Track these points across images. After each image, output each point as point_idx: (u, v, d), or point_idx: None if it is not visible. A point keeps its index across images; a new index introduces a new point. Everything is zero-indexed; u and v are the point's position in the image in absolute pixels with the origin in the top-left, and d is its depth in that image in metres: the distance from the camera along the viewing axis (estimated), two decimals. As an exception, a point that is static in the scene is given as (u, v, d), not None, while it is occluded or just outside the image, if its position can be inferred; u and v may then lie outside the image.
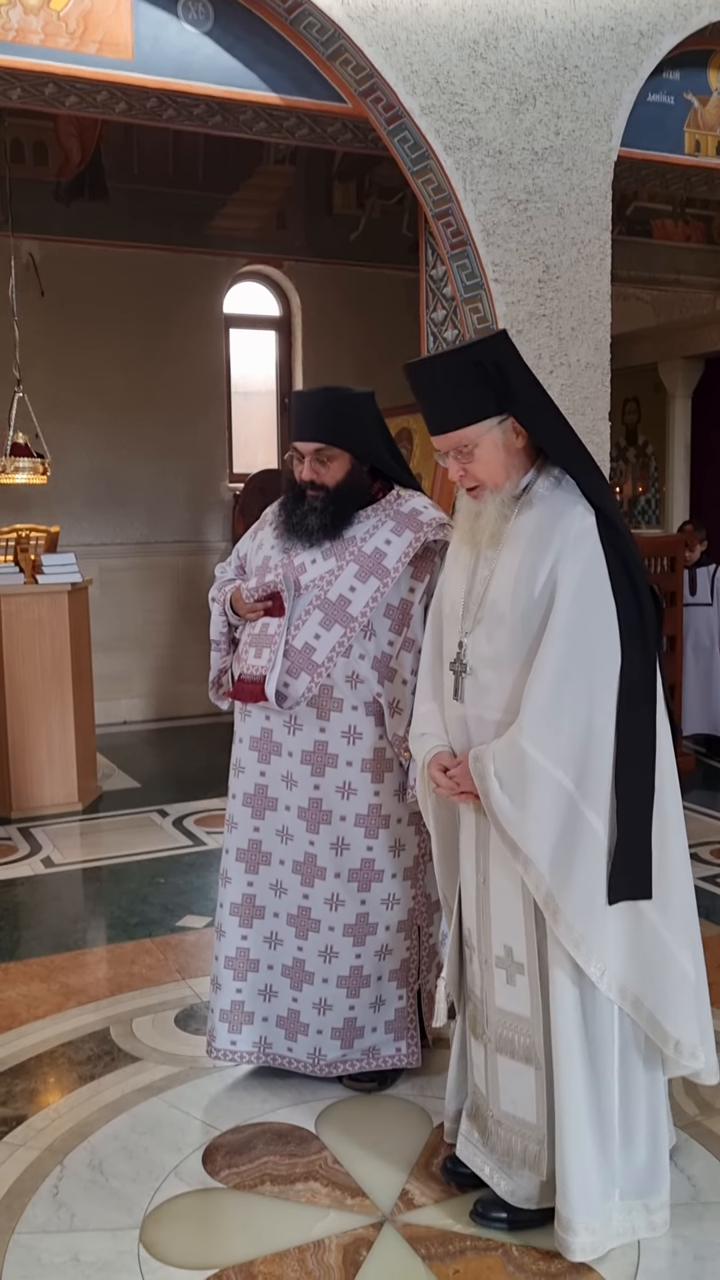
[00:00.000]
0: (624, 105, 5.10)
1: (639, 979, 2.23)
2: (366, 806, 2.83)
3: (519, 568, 2.22)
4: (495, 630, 2.25)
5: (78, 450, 7.91)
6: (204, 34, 4.55)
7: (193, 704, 8.27)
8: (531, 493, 2.28)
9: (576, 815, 2.14)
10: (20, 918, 4.33)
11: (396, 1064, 2.94)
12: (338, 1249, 2.33)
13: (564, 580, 2.16)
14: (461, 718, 2.33)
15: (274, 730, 2.85)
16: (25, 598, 5.68)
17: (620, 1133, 2.29)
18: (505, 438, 2.26)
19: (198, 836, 5.30)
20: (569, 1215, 2.23)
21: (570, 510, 2.21)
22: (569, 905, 2.15)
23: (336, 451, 2.78)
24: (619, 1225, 2.29)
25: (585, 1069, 2.23)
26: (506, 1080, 2.37)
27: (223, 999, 2.95)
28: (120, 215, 7.80)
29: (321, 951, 2.87)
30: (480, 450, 2.26)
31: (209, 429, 8.44)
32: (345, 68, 4.68)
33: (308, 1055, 2.91)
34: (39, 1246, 2.34)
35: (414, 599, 2.79)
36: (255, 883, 2.92)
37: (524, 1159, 2.35)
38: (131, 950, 3.95)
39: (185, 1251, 2.33)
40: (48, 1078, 3.07)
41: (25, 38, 4.24)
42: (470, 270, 4.92)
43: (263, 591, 2.81)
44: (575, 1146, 2.23)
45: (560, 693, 2.13)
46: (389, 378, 7.52)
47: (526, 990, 2.30)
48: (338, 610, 2.74)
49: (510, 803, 2.16)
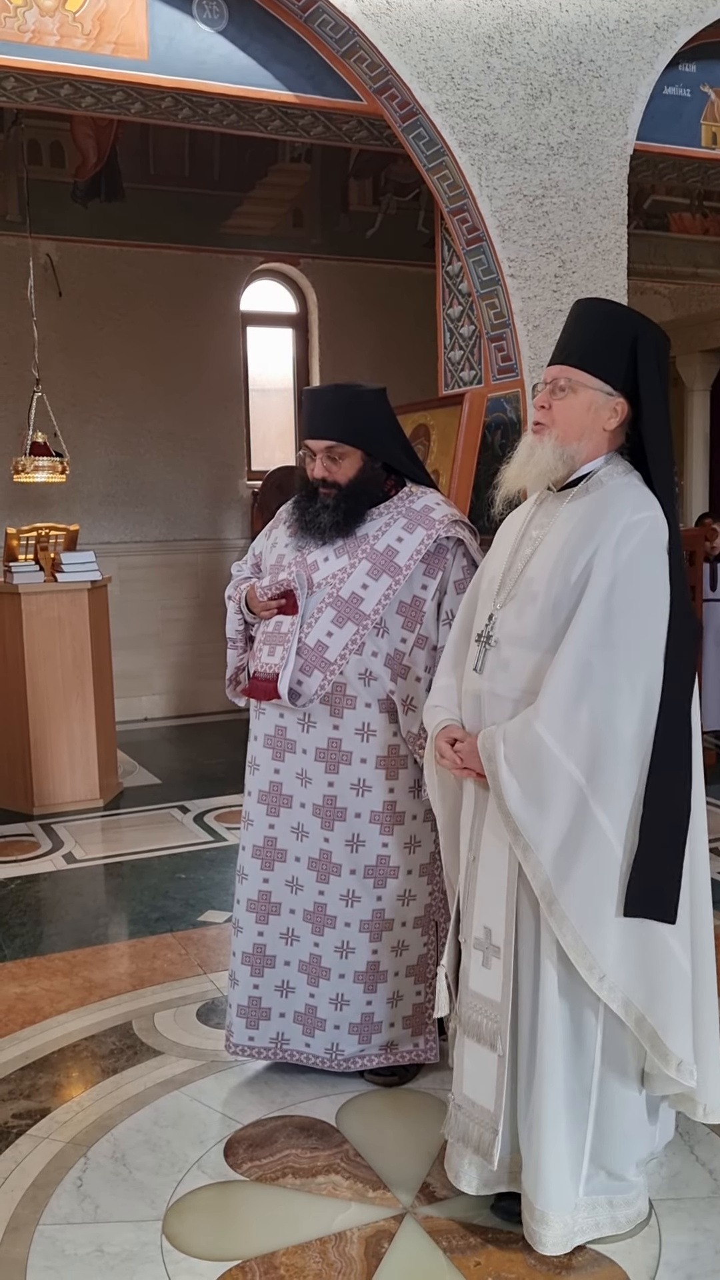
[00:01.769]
0: (640, 99, 5.08)
1: (646, 992, 2.18)
2: (381, 803, 2.84)
3: (560, 550, 2.20)
4: (526, 607, 2.23)
5: (96, 449, 7.95)
6: (219, 33, 4.56)
7: (212, 701, 8.30)
8: (592, 479, 2.26)
9: (585, 810, 2.11)
10: (43, 913, 4.37)
11: (415, 1059, 2.96)
12: (359, 1241, 2.34)
13: (599, 571, 2.13)
14: (477, 692, 2.31)
15: (288, 728, 2.86)
16: (46, 596, 5.71)
17: (593, 1128, 2.25)
18: (602, 409, 2.25)
19: (218, 832, 5.33)
20: (542, 1207, 2.21)
21: (622, 504, 2.18)
22: (568, 899, 2.12)
23: (348, 449, 2.79)
24: (584, 1221, 2.27)
25: (566, 1060, 2.20)
26: (470, 1064, 2.35)
27: (239, 994, 2.97)
28: (137, 215, 7.83)
29: (338, 947, 2.88)
30: (576, 398, 2.25)
31: (227, 426, 8.46)
32: (360, 65, 4.68)
33: (325, 1050, 2.93)
34: (63, 1238, 2.37)
35: (426, 596, 2.79)
36: (271, 879, 2.94)
37: (477, 1146, 2.32)
38: (153, 945, 3.98)
39: (208, 1243, 2.35)
40: (71, 1071, 3.09)
41: (41, 39, 4.27)
42: (486, 266, 4.91)
43: (276, 590, 2.81)
44: (550, 1138, 2.20)
45: (582, 685, 2.10)
46: (406, 374, 7.52)
47: (500, 975, 2.27)
48: (350, 608, 2.75)
49: (518, 786, 2.13)
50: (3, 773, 5.90)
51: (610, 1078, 2.25)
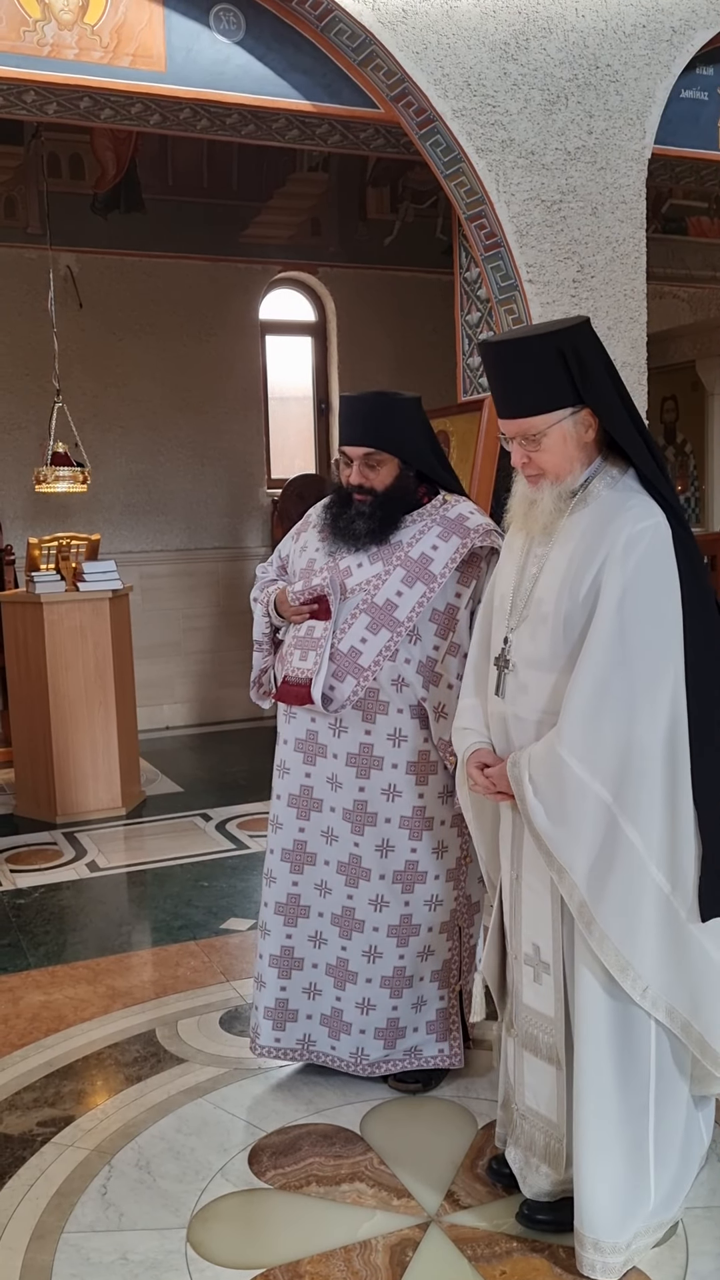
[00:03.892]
0: (657, 102, 5.08)
1: (688, 998, 2.17)
2: (411, 809, 2.83)
3: (566, 568, 2.17)
4: (539, 629, 2.21)
5: (117, 458, 7.98)
6: (236, 44, 4.58)
7: (234, 709, 8.31)
8: (589, 490, 2.20)
9: (614, 828, 2.09)
10: (66, 921, 4.38)
11: (439, 1064, 2.95)
12: (384, 1249, 2.33)
13: (608, 586, 2.10)
14: (501, 715, 2.31)
15: (319, 732, 2.86)
16: (67, 605, 5.74)
17: (655, 1155, 2.23)
18: (576, 430, 2.18)
19: (240, 840, 5.33)
20: (581, 1230, 2.20)
21: (624, 513, 2.13)
22: (604, 917, 2.11)
23: (385, 456, 2.78)
24: (640, 1244, 2.25)
25: (616, 1082, 2.18)
26: (531, 1077, 2.35)
27: (266, 996, 2.97)
28: (156, 226, 7.87)
29: (365, 951, 2.88)
30: (548, 440, 2.18)
31: (246, 435, 8.48)
32: (376, 73, 4.69)
33: (350, 1055, 2.92)
34: (88, 1245, 2.37)
35: (460, 604, 2.79)
36: (300, 882, 2.94)
37: (545, 1154, 2.33)
38: (176, 953, 3.98)
39: (232, 1251, 2.35)
40: (95, 1079, 3.10)
41: (60, 52, 4.30)
42: (505, 272, 4.91)
43: (309, 594, 2.81)
44: (594, 1161, 2.18)
45: (600, 702, 2.07)
46: (425, 381, 7.52)
47: (551, 990, 2.27)
48: (385, 614, 2.74)
49: (545, 811, 2.12)
50: (26, 782, 5.93)
51: (667, 1093, 2.24)
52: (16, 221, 7.55)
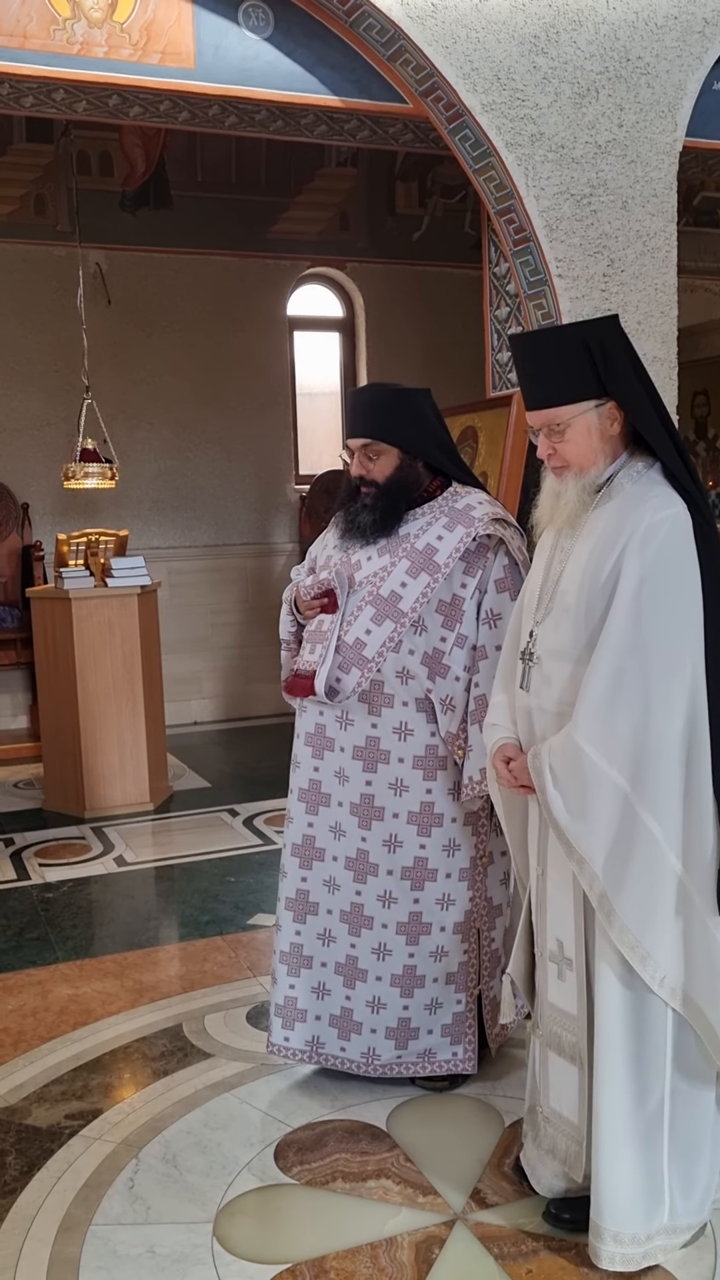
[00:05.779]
0: (689, 95, 5.03)
1: (707, 990, 2.16)
2: (418, 804, 2.82)
3: (589, 559, 2.18)
4: (562, 620, 2.22)
5: (145, 455, 8.01)
6: (264, 40, 4.58)
7: (262, 704, 8.33)
8: (614, 484, 2.22)
9: (632, 816, 2.09)
10: (94, 915, 4.40)
11: (453, 1069, 2.92)
12: (410, 1246, 2.33)
13: (626, 574, 2.11)
14: (527, 708, 2.31)
15: (327, 725, 2.87)
16: (96, 601, 5.77)
17: (670, 1149, 2.22)
18: (600, 423, 2.21)
19: (267, 835, 5.34)
20: (598, 1220, 2.20)
21: (646, 503, 2.15)
22: (624, 907, 2.11)
23: (384, 446, 2.80)
24: (662, 1243, 2.24)
25: (630, 1074, 2.18)
26: (555, 1077, 2.35)
27: (277, 994, 2.98)
28: (185, 222, 7.89)
29: (374, 949, 2.87)
30: (572, 431, 2.21)
31: (275, 431, 8.49)
32: (405, 68, 4.68)
33: (361, 1055, 2.91)
34: (115, 1238, 2.39)
35: (465, 595, 2.79)
36: (309, 878, 2.94)
37: (564, 1158, 2.33)
38: (203, 948, 4.00)
39: (258, 1246, 2.35)
40: (122, 1073, 3.11)
41: (89, 50, 4.31)
42: (534, 266, 4.89)
43: (318, 589, 2.84)
44: (610, 1153, 2.18)
45: (615, 689, 2.08)
46: (453, 376, 7.49)
47: (574, 987, 2.27)
48: (389, 606, 2.75)
49: (564, 800, 2.13)
50: (55, 776, 5.97)
51: (686, 1090, 2.23)
52: (46, 219, 7.59)
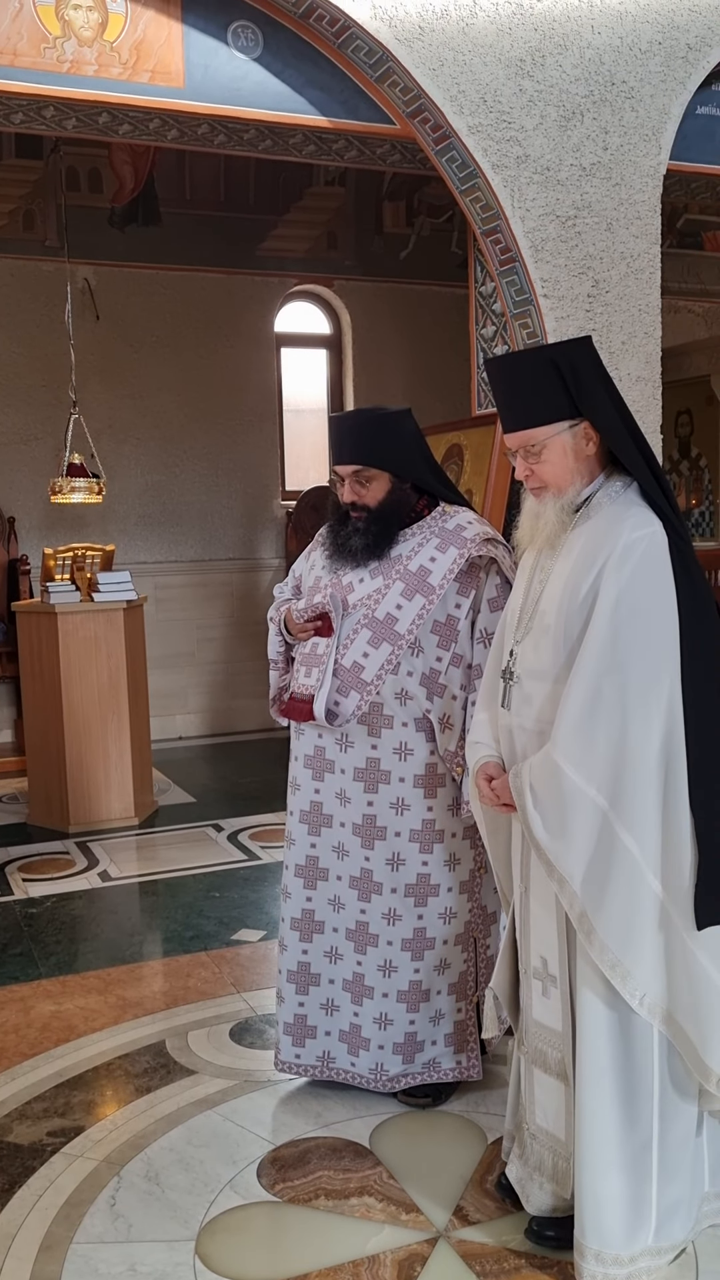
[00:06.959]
0: (672, 119, 5.09)
1: (688, 1008, 2.17)
2: (420, 822, 2.84)
3: (567, 578, 2.20)
4: (541, 640, 2.24)
5: (132, 470, 8.02)
6: (253, 60, 4.62)
7: (247, 719, 8.32)
8: (592, 503, 2.25)
9: (610, 834, 2.10)
10: (78, 931, 4.39)
11: (458, 1076, 2.95)
12: (392, 1264, 2.33)
13: (604, 592, 2.13)
14: (508, 726, 2.33)
15: (326, 748, 2.88)
16: (82, 615, 5.76)
17: (659, 1170, 2.22)
18: (575, 443, 2.24)
19: (252, 851, 5.33)
20: (582, 1239, 2.20)
21: (623, 522, 2.17)
22: (603, 926, 2.11)
23: (375, 472, 2.81)
24: (646, 1264, 2.24)
25: (616, 1094, 2.18)
26: (541, 1094, 2.35)
27: (286, 1012, 2.99)
28: (173, 239, 7.92)
29: (380, 966, 2.89)
30: (548, 452, 2.25)
31: (261, 447, 8.51)
32: (393, 89, 4.72)
33: (370, 1070, 2.93)
34: (96, 1256, 2.37)
35: (460, 615, 2.80)
36: (314, 898, 2.95)
37: (552, 1174, 2.33)
38: (187, 964, 3.99)
39: (240, 1264, 2.35)
40: (105, 1090, 3.10)
41: (79, 69, 4.34)
42: (519, 286, 4.93)
43: (312, 612, 2.84)
44: (593, 1172, 2.18)
45: (593, 708, 2.09)
46: (439, 394, 7.53)
47: (559, 1004, 2.28)
48: (385, 628, 2.76)
49: (543, 818, 2.14)
50: (39, 791, 5.95)
51: (672, 1109, 2.23)
52: (35, 234, 7.61)
